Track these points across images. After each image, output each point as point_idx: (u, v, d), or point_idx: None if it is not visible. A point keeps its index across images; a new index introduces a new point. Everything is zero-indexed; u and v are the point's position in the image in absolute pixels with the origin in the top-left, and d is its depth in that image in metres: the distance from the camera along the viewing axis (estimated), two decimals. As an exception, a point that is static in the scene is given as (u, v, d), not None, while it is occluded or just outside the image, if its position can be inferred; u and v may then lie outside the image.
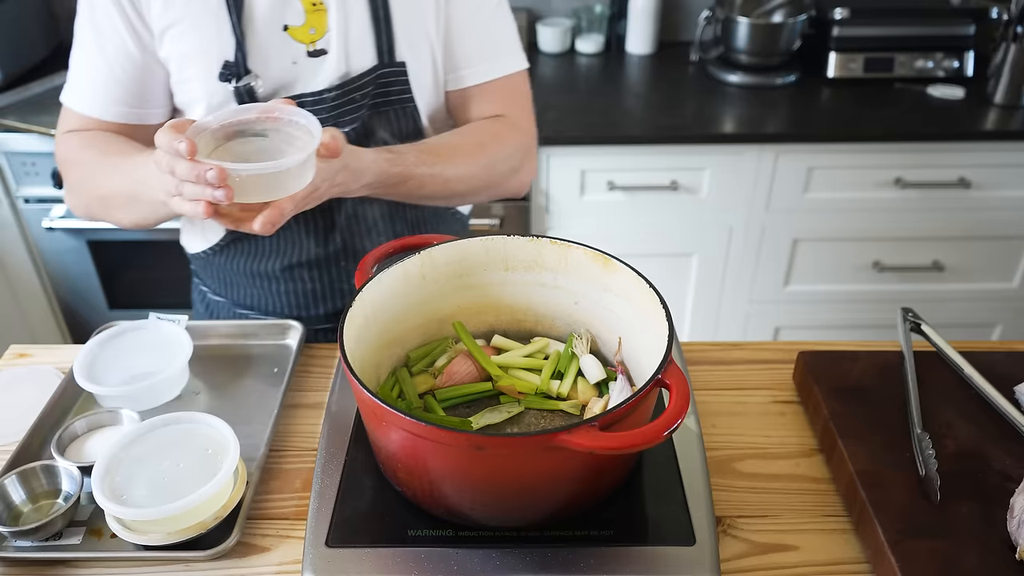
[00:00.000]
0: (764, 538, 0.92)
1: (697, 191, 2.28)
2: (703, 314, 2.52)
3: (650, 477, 0.94)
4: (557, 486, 0.83)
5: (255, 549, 0.91)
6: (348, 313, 0.90)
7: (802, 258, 2.41)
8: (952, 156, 2.23)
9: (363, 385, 0.80)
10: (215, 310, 1.43)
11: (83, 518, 0.93)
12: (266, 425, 1.05)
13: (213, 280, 1.40)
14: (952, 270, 2.42)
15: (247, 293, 1.37)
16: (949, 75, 2.45)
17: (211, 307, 1.44)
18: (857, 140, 2.20)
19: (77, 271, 2.44)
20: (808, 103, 2.38)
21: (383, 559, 0.84)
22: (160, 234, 2.34)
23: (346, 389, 1.05)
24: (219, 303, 1.42)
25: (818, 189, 2.28)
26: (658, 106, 2.38)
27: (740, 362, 1.20)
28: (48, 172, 2.23)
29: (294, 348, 1.19)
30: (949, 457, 0.94)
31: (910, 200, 2.29)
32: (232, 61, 1.15)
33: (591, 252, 1.00)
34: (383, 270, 0.98)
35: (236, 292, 1.38)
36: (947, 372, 1.08)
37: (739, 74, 2.47)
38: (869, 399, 1.04)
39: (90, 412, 1.04)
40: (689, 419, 1.01)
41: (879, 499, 0.88)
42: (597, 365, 1.01)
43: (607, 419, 0.76)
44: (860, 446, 0.96)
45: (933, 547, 0.83)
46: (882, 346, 1.18)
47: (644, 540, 0.86)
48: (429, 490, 0.85)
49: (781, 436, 1.07)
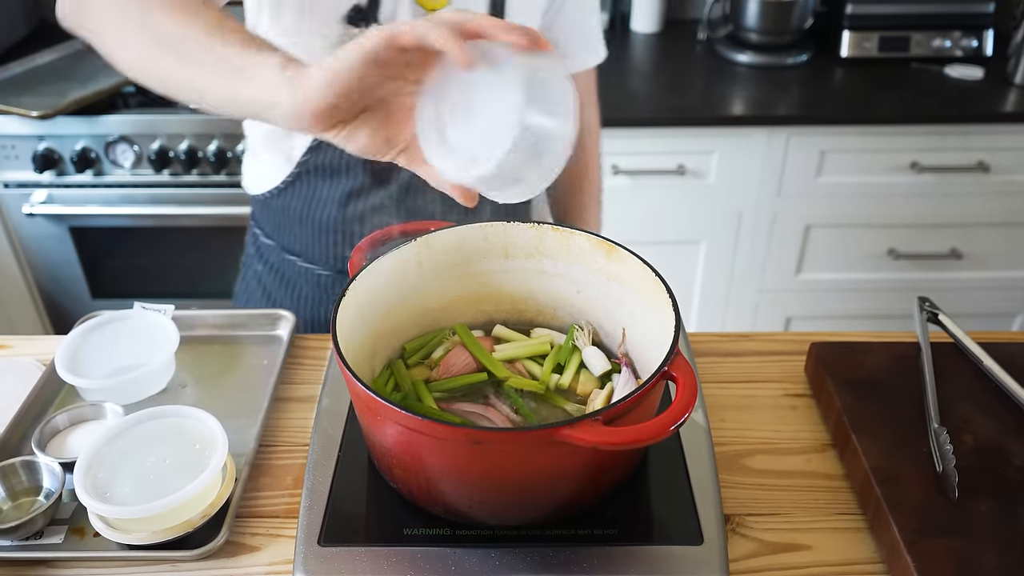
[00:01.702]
0: (775, 537, 0.92)
1: (705, 175, 2.27)
2: (711, 304, 2.52)
3: (656, 474, 0.94)
4: (559, 483, 0.82)
5: (244, 548, 0.91)
6: (341, 302, 0.89)
7: (814, 245, 2.40)
8: (970, 139, 2.22)
9: (357, 377, 0.79)
10: (264, 252, 1.48)
11: (65, 516, 0.93)
12: (256, 419, 1.05)
13: (267, 223, 1.45)
14: (971, 258, 2.42)
15: (297, 239, 1.40)
16: (967, 54, 2.44)
17: (261, 249, 1.49)
18: (871, 122, 2.20)
19: (59, 259, 2.44)
20: (820, 84, 2.37)
21: (378, 559, 0.84)
22: (145, 220, 2.34)
23: (339, 382, 1.05)
24: (269, 246, 1.46)
25: (831, 173, 2.27)
26: (664, 87, 2.37)
27: (749, 354, 1.20)
28: (29, 156, 2.23)
29: (285, 339, 1.19)
30: (967, 452, 0.93)
31: (927, 185, 2.28)
32: (363, 6, 1.16)
33: (594, 239, 1.00)
34: (378, 257, 0.97)
35: (287, 236, 1.42)
36: (965, 364, 1.08)
37: (749, 53, 2.46)
38: (884, 392, 1.03)
39: (72, 406, 1.03)
40: (696, 413, 1.01)
41: (895, 496, 0.88)
42: (600, 357, 1.01)
43: (611, 413, 0.75)
44: (875, 441, 0.95)
45: (951, 546, 0.83)
46: (898, 337, 1.17)
47: (649, 539, 0.86)
48: (426, 487, 0.85)
49: (792, 431, 1.06)
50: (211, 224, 2.34)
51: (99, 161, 2.25)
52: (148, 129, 2.21)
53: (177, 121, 2.21)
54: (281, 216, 1.40)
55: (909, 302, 1.19)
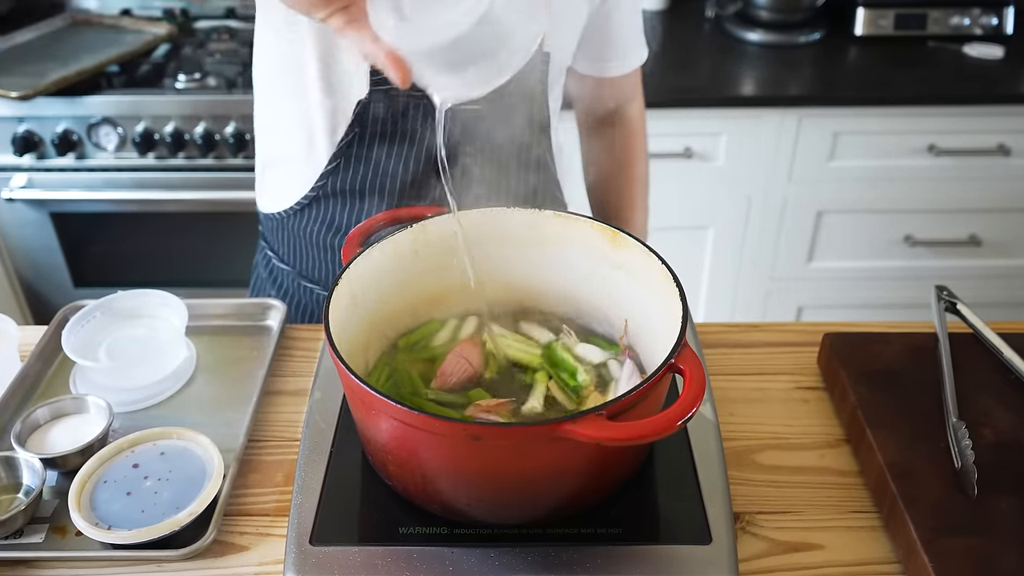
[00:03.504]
0: (786, 536, 0.92)
1: (713, 159, 2.27)
2: (719, 293, 2.52)
3: (662, 470, 0.94)
4: (561, 480, 0.82)
5: (233, 548, 0.91)
6: (334, 292, 0.89)
7: (827, 232, 2.40)
8: (990, 121, 2.22)
9: (350, 369, 0.79)
10: (280, 278, 1.44)
11: (46, 514, 0.92)
12: (244, 413, 1.05)
13: (282, 245, 1.41)
14: (990, 245, 2.42)
15: (316, 265, 1.37)
16: (987, 32, 2.43)
17: (275, 273, 1.44)
18: (887, 103, 2.19)
19: (39, 246, 2.43)
20: (834, 63, 2.36)
21: (372, 558, 0.83)
22: (129, 206, 2.34)
23: (331, 374, 1.04)
24: (284, 271, 1.43)
25: (844, 157, 2.27)
26: (670, 66, 2.36)
27: (760, 345, 1.19)
28: (8, 139, 2.22)
29: (275, 329, 1.19)
30: (987, 448, 0.93)
31: (945, 168, 2.28)
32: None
33: (597, 226, 0.99)
34: (372, 245, 0.97)
35: (304, 262, 1.38)
36: (985, 355, 1.08)
37: (759, 31, 2.45)
38: (900, 385, 1.03)
39: (54, 399, 1.03)
40: (705, 407, 1.00)
41: (911, 493, 0.88)
42: (595, 349, 1.02)
43: (615, 408, 0.75)
44: (890, 436, 0.95)
45: (970, 545, 0.83)
46: (914, 327, 1.17)
47: (655, 538, 0.86)
48: (422, 484, 0.85)
49: (804, 425, 1.06)
50: (198, 210, 2.33)
51: (81, 144, 2.25)
52: (132, 111, 2.20)
53: (163, 102, 2.20)
54: (297, 239, 1.36)
55: (926, 291, 1.18)
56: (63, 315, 1.19)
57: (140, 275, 2.51)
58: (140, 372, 1.09)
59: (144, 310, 1.16)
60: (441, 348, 1.03)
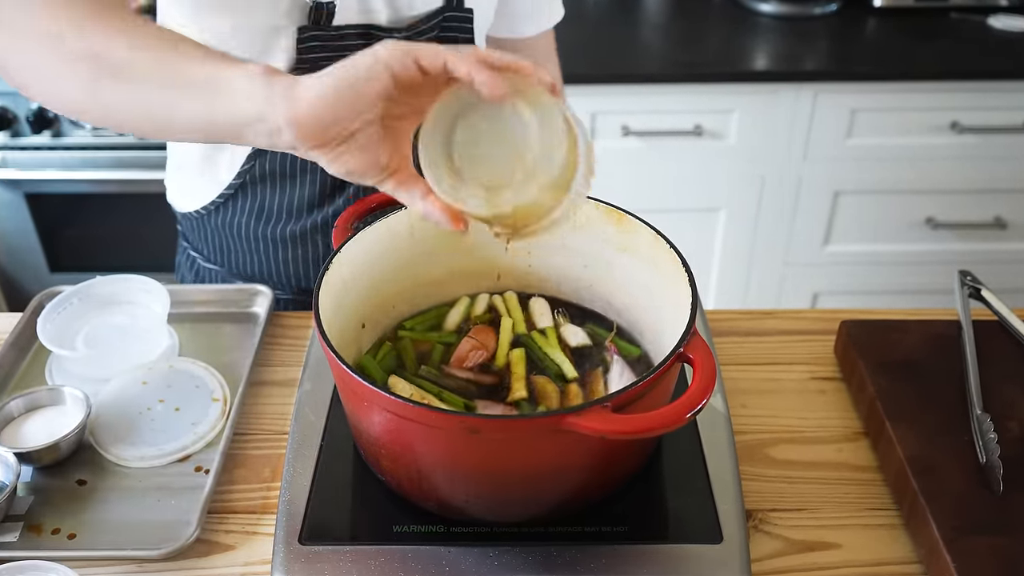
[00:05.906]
0: (801, 535, 0.92)
1: (724, 137, 2.26)
2: (731, 278, 2.52)
3: (670, 465, 0.94)
4: (563, 475, 0.82)
5: (217, 547, 0.91)
6: (324, 277, 0.88)
7: (844, 214, 2.40)
8: (1016, 97, 2.21)
9: (341, 359, 0.79)
10: (208, 280, 1.39)
11: (20, 512, 0.92)
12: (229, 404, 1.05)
13: (206, 245, 1.36)
14: (1016, 227, 2.42)
15: (248, 260, 1.32)
16: (1013, 3, 2.42)
17: (202, 275, 1.39)
18: (907, 78, 2.18)
19: (13, 228, 2.43)
20: (851, 36, 2.36)
21: (364, 558, 0.83)
22: (108, 186, 2.33)
23: (321, 364, 1.04)
24: (212, 271, 1.38)
25: (862, 135, 2.26)
26: (679, 39, 2.36)
27: (773, 333, 1.19)
28: (-21, 116, 2.22)
29: (262, 317, 1.18)
30: (1013, 441, 0.93)
31: (968, 147, 2.28)
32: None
33: (603, 207, 0.99)
34: (365, 227, 0.97)
35: (235, 259, 1.34)
36: (1011, 344, 1.08)
37: (772, 2, 2.45)
38: (921, 375, 1.03)
39: (28, 391, 1.03)
40: (715, 399, 1.00)
41: (933, 489, 0.88)
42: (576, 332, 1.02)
43: (621, 399, 0.75)
44: (911, 429, 0.95)
45: (994, 544, 0.83)
46: (936, 314, 1.17)
47: (663, 537, 0.86)
48: (417, 480, 0.85)
49: (820, 418, 1.06)
50: (181, 191, 2.33)
51: (57, 121, 2.24)
52: (110, 86, 2.19)
53: (142, 77, 2.19)
54: (223, 235, 1.31)
55: (949, 276, 1.18)
56: (38, 301, 1.18)
57: (119, 259, 2.50)
58: (119, 361, 1.09)
59: (124, 296, 1.16)
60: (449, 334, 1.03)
